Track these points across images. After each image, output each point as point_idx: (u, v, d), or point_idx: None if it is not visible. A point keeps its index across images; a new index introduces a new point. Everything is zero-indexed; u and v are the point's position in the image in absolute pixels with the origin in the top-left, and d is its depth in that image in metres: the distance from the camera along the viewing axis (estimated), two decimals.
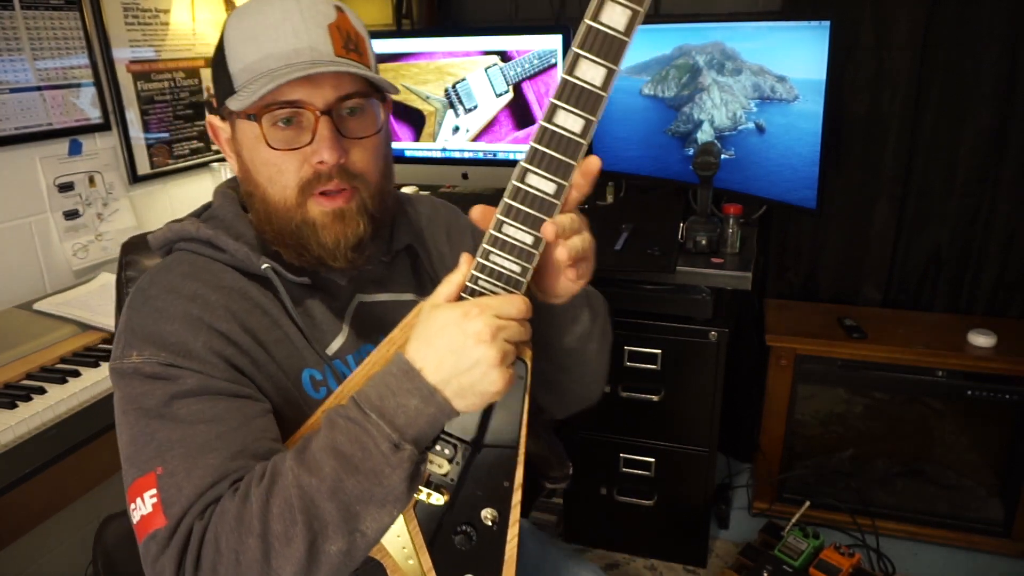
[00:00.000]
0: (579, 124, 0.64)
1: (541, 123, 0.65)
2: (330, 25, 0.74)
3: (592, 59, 0.62)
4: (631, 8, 0.60)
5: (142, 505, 0.66)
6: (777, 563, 1.72)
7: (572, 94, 0.63)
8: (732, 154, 1.84)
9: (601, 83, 0.63)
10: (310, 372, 0.79)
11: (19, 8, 1.59)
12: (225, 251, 0.77)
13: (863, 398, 1.96)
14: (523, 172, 0.66)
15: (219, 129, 0.81)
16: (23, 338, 1.41)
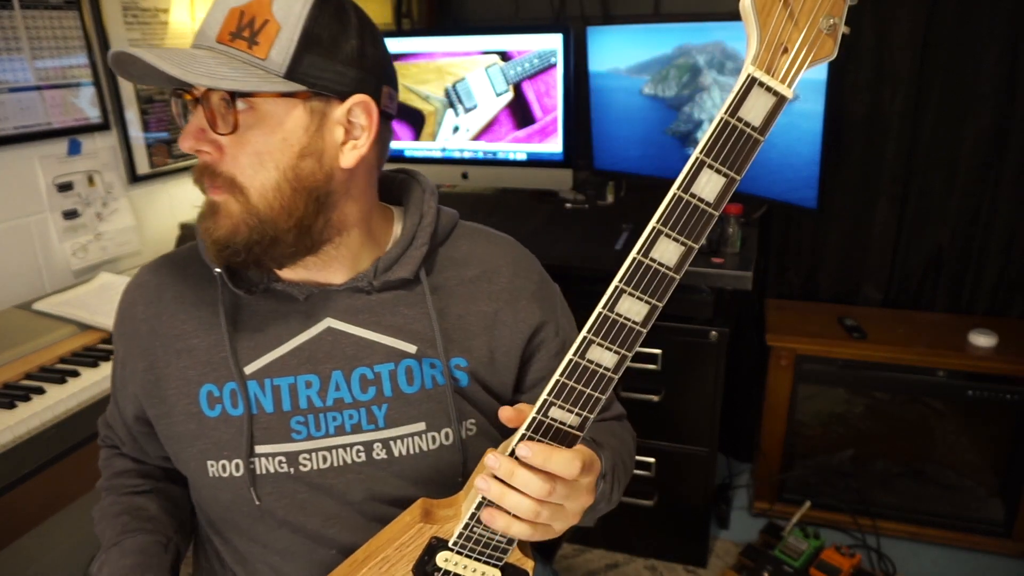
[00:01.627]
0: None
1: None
2: (235, 8, 0.66)
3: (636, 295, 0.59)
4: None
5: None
6: (777, 563, 1.72)
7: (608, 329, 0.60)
8: None
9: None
10: (209, 388, 0.76)
11: (18, 8, 1.59)
12: (200, 243, 0.78)
13: (863, 398, 1.96)
14: (546, 404, 0.61)
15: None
16: (22, 338, 1.41)
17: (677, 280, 0.58)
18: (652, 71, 1.93)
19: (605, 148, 2.10)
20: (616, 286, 0.58)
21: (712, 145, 0.56)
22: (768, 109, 0.55)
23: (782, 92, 0.55)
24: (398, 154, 2.17)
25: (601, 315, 0.59)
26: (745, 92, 0.54)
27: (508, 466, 0.60)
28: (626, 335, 0.60)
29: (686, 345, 1.72)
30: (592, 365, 0.60)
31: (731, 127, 0.55)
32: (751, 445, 2.23)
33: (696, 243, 0.57)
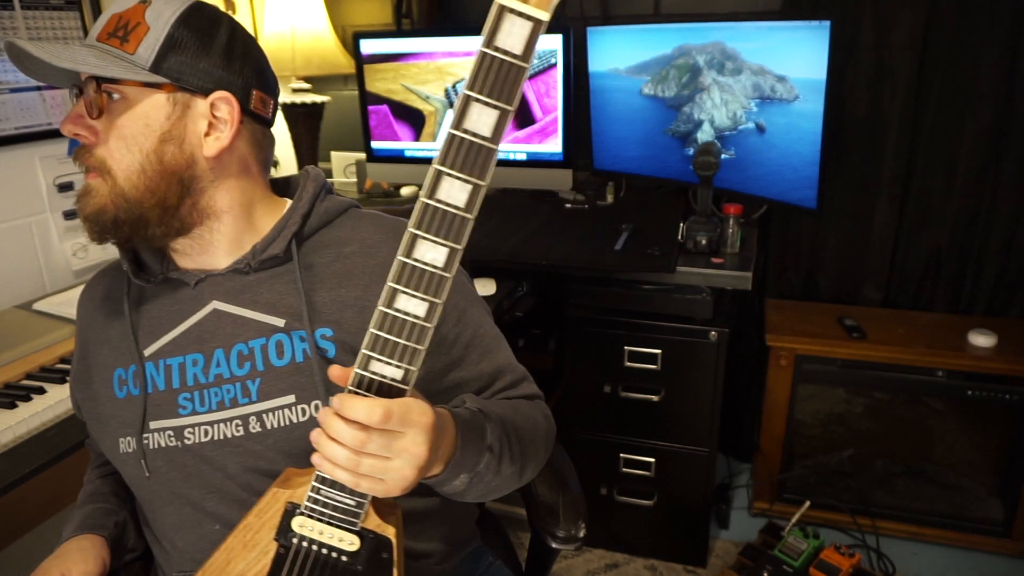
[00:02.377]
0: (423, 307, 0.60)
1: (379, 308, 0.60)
2: (115, 13, 0.77)
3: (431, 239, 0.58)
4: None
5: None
6: (777, 563, 1.72)
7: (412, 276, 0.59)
8: (732, 154, 1.84)
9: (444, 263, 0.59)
10: (119, 372, 0.85)
11: (19, 8, 1.59)
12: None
13: (863, 398, 1.96)
14: (366, 359, 0.61)
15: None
16: (23, 338, 1.41)
17: (470, 219, 0.58)
18: (652, 71, 1.93)
19: (605, 148, 2.10)
20: (410, 232, 0.58)
21: (475, 79, 0.55)
22: (526, 35, 0.54)
23: (535, 15, 0.53)
24: (398, 154, 2.17)
25: (401, 263, 0.59)
26: (497, 21, 0.54)
27: (324, 416, 0.61)
28: (429, 281, 0.59)
29: (686, 345, 1.72)
30: (402, 315, 0.60)
31: (491, 58, 0.54)
32: (751, 445, 2.23)
33: (481, 180, 0.57)
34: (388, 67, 2.07)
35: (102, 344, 0.88)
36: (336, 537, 0.68)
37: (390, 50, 2.05)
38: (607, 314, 1.77)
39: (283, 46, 2.05)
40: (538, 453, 0.86)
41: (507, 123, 0.57)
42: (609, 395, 1.80)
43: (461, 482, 0.73)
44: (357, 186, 2.35)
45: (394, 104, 2.11)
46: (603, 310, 1.77)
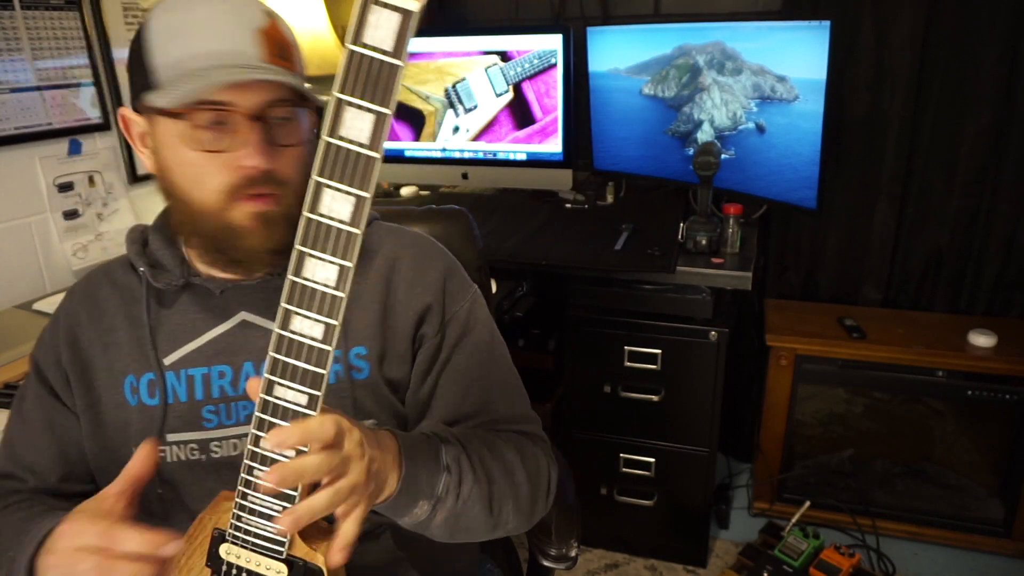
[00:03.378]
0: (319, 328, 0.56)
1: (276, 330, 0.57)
2: (259, 30, 0.71)
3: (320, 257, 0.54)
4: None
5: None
6: (777, 563, 1.72)
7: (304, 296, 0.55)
8: (732, 154, 1.84)
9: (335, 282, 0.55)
10: (130, 379, 0.80)
11: (19, 8, 1.59)
12: (127, 252, 0.83)
13: (863, 398, 1.96)
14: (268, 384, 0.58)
15: (132, 122, 0.76)
16: (23, 338, 1.41)
17: (357, 234, 0.53)
18: (652, 71, 1.93)
19: (605, 148, 2.10)
20: (297, 249, 0.54)
21: (345, 79, 0.50)
22: (395, 28, 0.49)
23: (403, 5, 0.48)
24: (398, 154, 2.17)
25: (290, 282, 0.55)
26: (362, 14, 0.48)
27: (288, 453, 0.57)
28: (321, 301, 0.55)
29: (686, 345, 1.72)
30: (298, 336, 0.56)
31: (359, 56, 0.49)
32: (751, 445, 2.23)
33: (364, 190, 0.52)
34: None
35: (108, 347, 0.81)
36: (264, 565, 0.64)
37: None
38: (607, 314, 1.77)
39: None
40: (518, 489, 0.77)
41: (386, 127, 0.51)
42: (609, 395, 1.80)
43: (423, 510, 0.68)
44: None
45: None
46: (603, 310, 1.77)
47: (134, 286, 0.82)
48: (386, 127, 0.51)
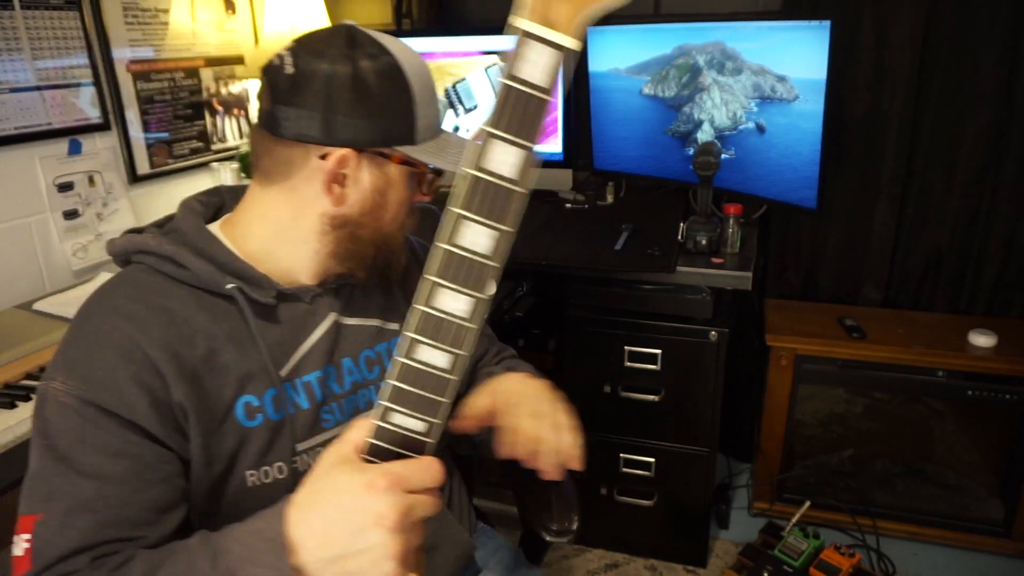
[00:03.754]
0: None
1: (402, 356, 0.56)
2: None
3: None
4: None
5: (19, 544, 0.65)
6: (777, 563, 1.72)
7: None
8: (732, 154, 1.84)
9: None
10: (246, 399, 0.75)
11: (19, 8, 1.59)
12: (187, 269, 0.75)
13: (863, 398, 1.96)
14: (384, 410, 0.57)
15: (344, 159, 0.75)
16: (23, 338, 1.41)
17: (497, 268, 0.53)
18: (652, 71, 1.93)
19: (605, 148, 2.10)
20: (429, 279, 0.53)
21: (500, 114, 0.49)
22: (551, 64, 0.49)
23: (564, 43, 0.48)
24: None
25: (421, 312, 0.54)
26: (520, 49, 0.48)
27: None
28: (455, 332, 0.54)
29: (686, 345, 1.72)
30: (423, 366, 0.55)
31: (513, 91, 0.49)
32: (751, 445, 2.23)
33: (506, 225, 0.51)
34: None
35: (214, 372, 0.74)
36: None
37: None
38: (607, 314, 1.77)
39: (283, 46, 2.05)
40: None
41: (532, 163, 0.51)
42: (609, 395, 1.80)
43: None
44: None
45: None
46: (603, 310, 1.77)
47: (217, 304, 0.76)
48: (532, 163, 0.51)
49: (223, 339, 0.75)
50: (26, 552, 0.64)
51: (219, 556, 0.58)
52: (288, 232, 0.79)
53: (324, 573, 0.55)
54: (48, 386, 0.70)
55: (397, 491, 0.54)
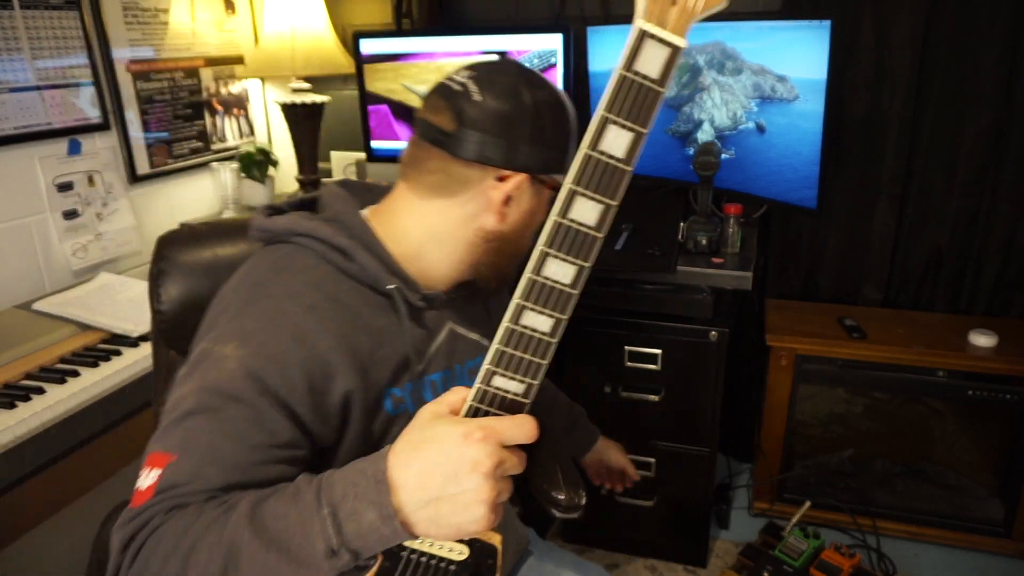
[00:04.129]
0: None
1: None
2: None
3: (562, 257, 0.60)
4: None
5: (145, 477, 0.68)
6: (777, 563, 1.72)
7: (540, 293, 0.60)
8: (732, 154, 1.84)
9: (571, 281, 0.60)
10: (393, 391, 0.83)
11: (18, 8, 1.59)
12: (356, 263, 0.81)
13: (863, 398, 1.96)
14: (488, 374, 0.63)
15: (515, 185, 0.83)
16: (23, 338, 1.41)
17: (600, 238, 0.59)
18: None
19: None
20: (541, 249, 0.59)
21: (614, 101, 0.57)
22: (664, 60, 0.56)
23: (675, 42, 0.55)
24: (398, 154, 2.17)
25: (530, 280, 0.59)
26: (638, 46, 0.55)
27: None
28: (557, 298, 0.60)
29: (686, 345, 1.72)
30: (528, 330, 0.61)
31: (629, 81, 0.56)
32: (751, 445, 2.23)
33: (612, 200, 0.58)
34: (388, 67, 2.07)
35: (379, 364, 0.81)
36: (446, 548, 0.70)
37: (390, 50, 2.05)
38: (607, 314, 1.77)
39: (283, 46, 2.05)
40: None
41: (641, 146, 0.57)
42: (609, 395, 1.80)
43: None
44: None
45: (394, 104, 2.11)
46: (603, 310, 1.77)
47: (374, 299, 0.83)
48: (641, 146, 0.57)
49: (380, 333, 0.81)
50: (150, 487, 0.67)
51: (323, 491, 0.61)
52: (442, 240, 0.86)
53: (419, 513, 0.58)
54: (217, 348, 0.75)
55: (492, 442, 0.58)
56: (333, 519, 0.59)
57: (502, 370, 0.62)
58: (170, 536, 0.63)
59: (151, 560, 0.63)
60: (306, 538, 0.60)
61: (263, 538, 0.60)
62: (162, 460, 0.68)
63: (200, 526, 0.63)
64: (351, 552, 0.60)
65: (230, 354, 0.73)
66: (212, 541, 0.62)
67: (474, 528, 0.58)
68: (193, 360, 0.76)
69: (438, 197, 0.85)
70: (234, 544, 0.61)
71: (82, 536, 1.75)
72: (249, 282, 0.81)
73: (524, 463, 0.62)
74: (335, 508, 0.60)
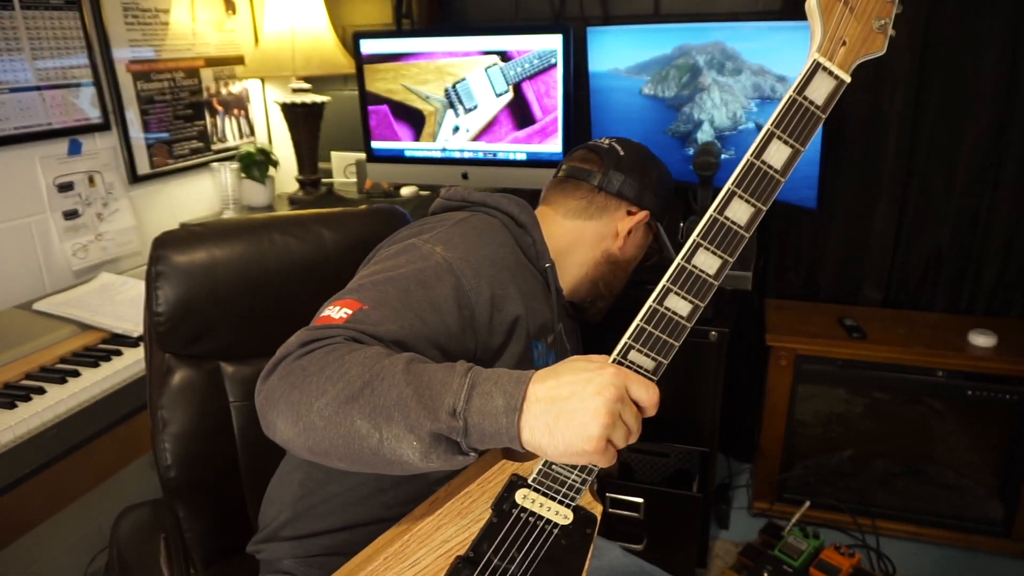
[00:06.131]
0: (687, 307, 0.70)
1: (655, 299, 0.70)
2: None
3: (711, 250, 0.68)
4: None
5: (335, 310, 0.78)
6: (777, 563, 1.72)
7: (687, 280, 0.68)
8: (732, 154, 1.84)
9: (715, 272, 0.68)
10: (537, 343, 0.96)
11: (19, 8, 1.59)
12: (530, 237, 1.00)
13: (863, 398, 1.96)
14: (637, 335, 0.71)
15: (645, 216, 1.12)
16: (23, 338, 1.41)
17: (747, 238, 0.66)
18: (652, 71, 1.93)
19: None
20: (694, 240, 0.66)
21: (782, 119, 0.65)
22: (830, 91, 0.67)
23: (842, 76, 0.67)
24: (398, 154, 2.17)
25: (679, 266, 0.67)
26: (811, 75, 0.66)
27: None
28: (700, 286, 0.67)
29: (686, 345, 1.71)
30: (669, 312, 0.68)
31: (798, 104, 0.65)
32: (751, 445, 2.23)
33: (764, 205, 0.65)
34: (388, 67, 2.07)
35: (532, 314, 0.94)
36: (554, 511, 0.74)
37: (390, 50, 2.05)
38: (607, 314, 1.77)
39: (283, 46, 2.05)
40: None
41: (796, 162, 0.66)
42: None
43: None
44: (357, 186, 2.35)
45: (394, 104, 2.11)
46: None
47: (531, 270, 1.00)
48: (796, 162, 0.66)
49: (536, 294, 0.98)
50: (341, 318, 0.77)
51: (473, 369, 0.69)
52: (576, 252, 1.09)
53: (541, 418, 0.64)
54: (426, 246, 0.88)
55: (621, 381, 0.66)
56: (469, 388, 0.66)
57: (639, 346, 0.69)
58: (342, 350, 0.71)
59: (317, 358, 0.71)
60: (441, 389, 0.66)
61: (408, 375, 0.67)
62: (355, 305, 0.78)
63: (365, 353, 0.71)
64: (465, 423, 0.65)
65: (438, 251, 0.87)
66: (368, 362, 0.69)
67: (584, 446, 0.63)
68: (398, 249, 0.89)
69: (579, 218, 1.09)
70: (384, 372, 0.68)
71: (82, 536, 1.75)
72: (450, 220, 0.95)
73: (640, 426, 0.68)
74: (475, 382, 0.66)
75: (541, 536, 0.74)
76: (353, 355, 0.70)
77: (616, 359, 0.69)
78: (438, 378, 0.67)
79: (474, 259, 0.88)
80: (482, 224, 0.96)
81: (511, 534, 0.73)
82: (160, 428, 1.06)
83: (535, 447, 0.65)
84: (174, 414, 1.07)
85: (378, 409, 0.66)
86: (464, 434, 0.65)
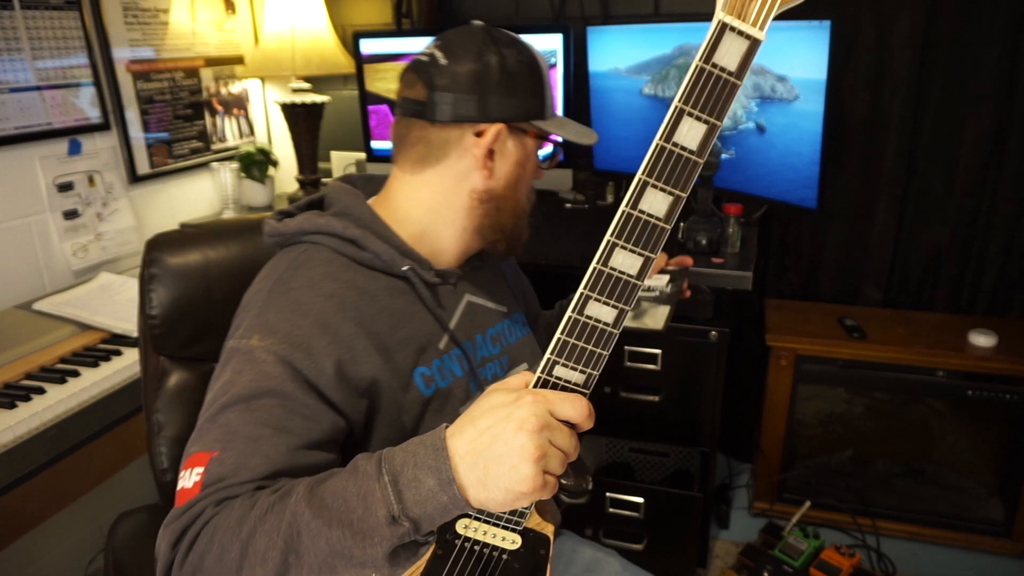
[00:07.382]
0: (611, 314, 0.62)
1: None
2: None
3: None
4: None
5: (187, 477, 0.69)
6: (777, 563, 1.72)
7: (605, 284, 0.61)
8: (732, 154, 1.84)
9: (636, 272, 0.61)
10: (421, 370, 0.84)
11: (19, 8, 1.59)
12: (368, 251, 0.84)
13: (863, 398, 1.96)
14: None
15: (497, 135, 0.85)
16: (23, 338, 1.41)
17: (668, 230, 0.59)
18: (652, 71, 1.93)
19: (605, 148, 2.10)
20: (608, 240, 0.59)
21: (690, 93, 0.57)
22: (742, 53, 0.56)
23: (755, 35, 0.56)
24: None
25: (596, 270, 0.60)
26: (717, 38, 0.56)
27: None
28: (623, 288, 0.60)
29: (686, 345, 1.72)
30: (591, 321, 0.61)
31: (707, 73, 0.56)
32: (751, 445, 2.23)
33: (683, 192, 0.58)
34: (388, 67, 2.07)
35: (399, 348, 0.82)
36: (500, 537, 0.70)
37: (390, 50, 2.05)
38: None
39: (283, 46, 2.05)
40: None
41: (714, 138, 0.57)
42: (609, 396, 1.80)
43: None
44: None
45: (394, 104, 2.11)
46: None
47: (390, 282, 0.85)
48: (714, 138, 0.57)
49: (400, 315, 0.84)
50: (196, 483, 0.67)
51: (384, 462, 0.62)
52: (442, 212, 0.88)
53: (471, 476, 0.59)
54: (242, 343, 0.76)
55: (540, 405, 0.59)
56: (394, 486, 0.60)
57: (563, 360, 0.62)
58: (224, 527, 0.63)
59: (206, 554, 0.63)
60: (367, 508, 0.60)
61: (324, 516, 0.60)
62: (203, 458, 0.68)
63: (256, 514, 0.62)
64: (411, 521, 0.60)
65: (256, 345, 0.75)
66: (270, 527, 0.61)
67: (521, 488, 0.58)
68: (222, 360, 0.78)
69: (426, 168, 0.87)
70: (294, 527, 0.61)
71: (82, 536, 1.75)
72: (269, 282, 0.82)
73: (576, 444, 0.62)
74: (395, 476, 0.60)
75: (490, 564, 0.70)
76: (242, 529, 0.62)
77: (541, 377, 0.63)
78: (353, 494, 0.61)
79: (299, 335, 0.75)
80: (302, 275, 0.81)
81: (458, 565, 0.69)
82: (156, 431, 1.05)
83: (481, 505, 0.60)
84: (170, 417, 1.06)
85: (316, 568, 0.61)
86: (415, 530, 0.61)
